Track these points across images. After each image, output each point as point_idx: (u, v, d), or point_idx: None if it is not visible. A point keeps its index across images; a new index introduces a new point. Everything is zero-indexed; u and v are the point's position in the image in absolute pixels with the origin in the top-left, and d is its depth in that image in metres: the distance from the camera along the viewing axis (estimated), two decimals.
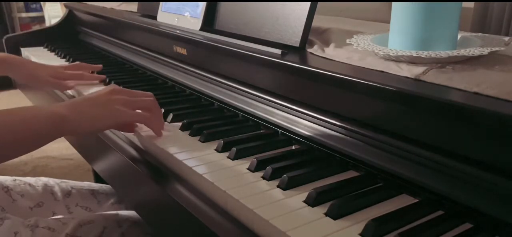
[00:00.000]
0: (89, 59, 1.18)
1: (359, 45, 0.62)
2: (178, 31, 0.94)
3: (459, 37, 0.61)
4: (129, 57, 1.17)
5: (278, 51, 0.69)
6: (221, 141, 0.63)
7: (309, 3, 0.69)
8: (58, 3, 3.24)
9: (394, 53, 0.57)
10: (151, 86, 0.97)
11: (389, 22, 0.61)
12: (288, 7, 0.72)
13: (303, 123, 0.63)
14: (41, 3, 3.61)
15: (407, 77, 0.53)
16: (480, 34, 0.68)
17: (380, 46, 0.61)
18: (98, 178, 1.34)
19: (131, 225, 0.80)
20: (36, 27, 2.96)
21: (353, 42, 0.64)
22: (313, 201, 0.48)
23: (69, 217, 0.79)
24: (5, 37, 1.45)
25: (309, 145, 0.62)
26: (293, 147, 0.64)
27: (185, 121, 0.71)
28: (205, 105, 0.83)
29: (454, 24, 0.58)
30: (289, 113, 0.66)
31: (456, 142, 0.46)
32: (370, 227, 0.43)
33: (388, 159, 0.51)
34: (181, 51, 0.94)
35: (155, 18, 1.07)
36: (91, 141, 0.80)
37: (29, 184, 0.89)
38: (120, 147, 0.70)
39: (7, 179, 0.88)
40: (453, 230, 0.44)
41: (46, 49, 1.42)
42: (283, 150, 0.63)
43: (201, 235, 0.50)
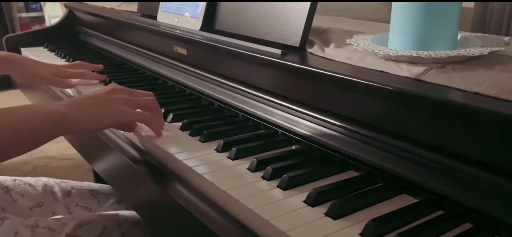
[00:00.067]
0: (89, 59, 1.18)
1: (359, 45, 0.62)
2: (178, 31, 0.94)
3: (459, 37, 0.61)
4: (129, 57, 1.17)
5: (278, 51, 0.69)
6: (221, 141, 0.63)
7: (309, 3, 0.69)
8: (58, 3, 3.24)
9: (394, 53, 0.57)
10: (151, 86, 0.97)
11: (389, 22, 0.61)
12: (288, 7, 0.72)
13: (303, 123, 0.63)
14: (41, 3, 3.61)
15: (407, 77, 0.53)
16: (480, 34, 0.68)
17: (380, 46, 0.61)
18: (98, 178, 1.34)
19: (131, 225, 0.80)
20: (36, 27, 2.96)
21: (353, 42, 0.64)
22: (313, 201, 0.48)
23: (69, 217, 0.79)
24: (5, 37, 1.45)
25: (309, 145, 0.62)
26: (293, 147, 0.64)
27: (185, 121, 0.71)
28: (205, 105, 0.83)
29: (454, 24, 0.58)
30: (289, 113, 0.66)
31: (456, 142, 0.46)
32: (370, 227, 0.43)
33: (388, 159, 0.51)
34: (181, 51, 0.94)
35: (155, 18, 1.07)
36: (91, 141, 0.80)
37: (29, 184, 0.89)
38: (120, 147, 0.70)
39: (7, 179, 0.88)
40: (453, 230, 0.44)
41: (46, 49, 1.42)
42: (283, 150, 0.63)
43: (201, 235, 0.50)
